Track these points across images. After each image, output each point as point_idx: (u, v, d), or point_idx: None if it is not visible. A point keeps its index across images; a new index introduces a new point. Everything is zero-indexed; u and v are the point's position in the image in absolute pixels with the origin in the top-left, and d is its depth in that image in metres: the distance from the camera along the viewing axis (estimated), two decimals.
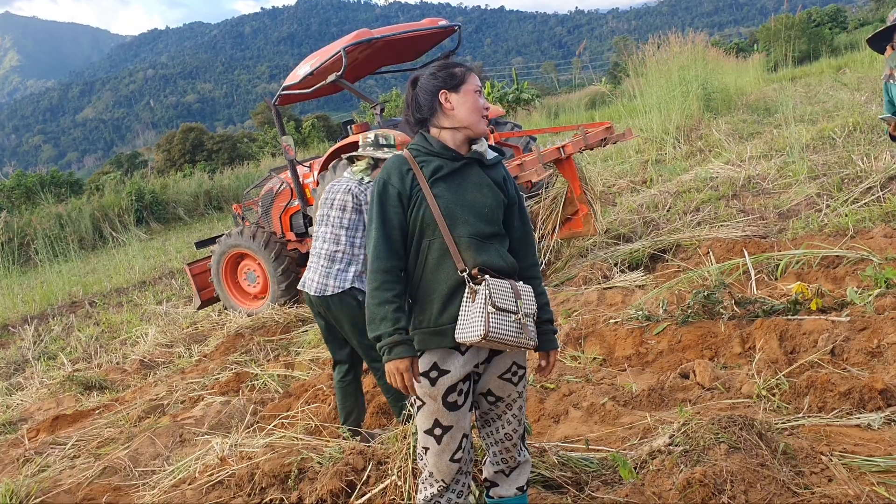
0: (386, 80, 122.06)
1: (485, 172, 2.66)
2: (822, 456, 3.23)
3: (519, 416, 2.79)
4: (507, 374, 2.70)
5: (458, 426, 2.63)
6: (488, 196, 2.59)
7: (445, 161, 2.59)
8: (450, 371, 2.57)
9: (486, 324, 2.40)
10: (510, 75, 37.40)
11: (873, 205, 7.25)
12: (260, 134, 42.07)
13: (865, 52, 22.23)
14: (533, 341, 2.55)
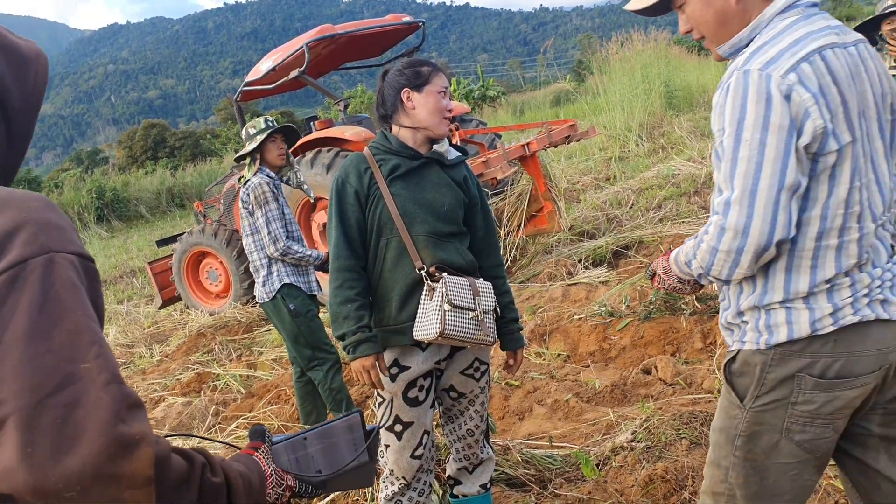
0: (350, 76, 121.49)
1: (445, 172, 2.65)
2: None
3: (481, 412, 2.80)
4: (469, 371, 2.71)
5: (419, 423, 2.63)
6: (447, 195, 2.59)
7: (404, 160, 2.59)
8: (410, 367, 2.58)
9: (442, 321, 2.41)
10: (476, 72, 37.47)
11: None
12: (223, 130, 41.60)
13: None
14: (491, 338, 2.56)
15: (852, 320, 1.64)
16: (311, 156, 7.56)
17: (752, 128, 1.57)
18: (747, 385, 1.76)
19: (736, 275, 1.66)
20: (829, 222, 1.63)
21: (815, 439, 1.73)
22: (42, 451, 0.86)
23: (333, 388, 4.32)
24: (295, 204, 7.89)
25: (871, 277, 1.67)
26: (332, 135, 7.60)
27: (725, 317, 1.83)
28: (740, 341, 1.77)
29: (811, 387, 1.68)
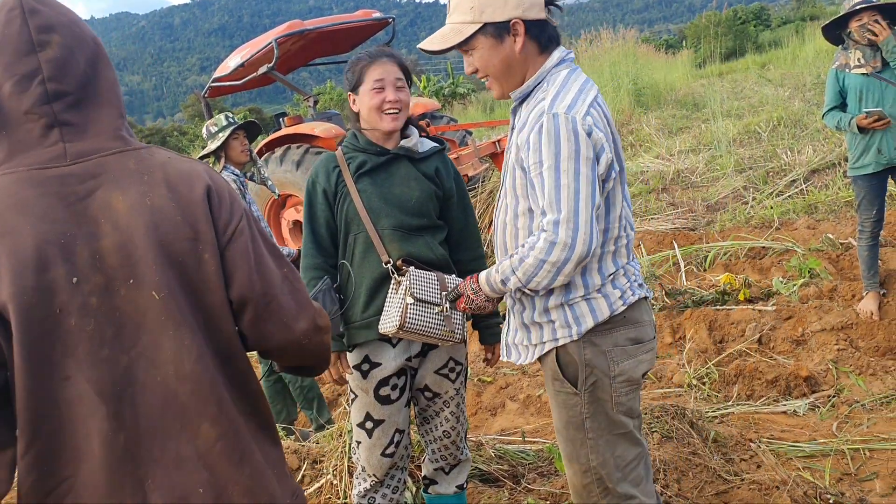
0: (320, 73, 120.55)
1: (414, 166, 2.62)
2: (751, 443, 3.31)
3: (457, 413, 2.77)
4: (444, 370, 2.67)
5: (391, 420, 2.61)
6: (415, 189, 2.55)
7: (370, 156, 2.57)
8: (381, 364, 2.55)
9: (403, 315, 2.37)
10: (446, 69, 37.43)
11: (797, 197, 7.49)
12: (190, 127, 41.11)
13: (788, 49, 22.96)
14: (458, 335, 2.50)
15: (633, 299, 2.07)
16: (281, 152, 7.50)
17: (567, 160, 1.88)
18: (575, 372, 2.07)
19: (556, 283, 1.94)
20: (610, 233, 2.03)
21: (634, 404, 2.12)
22: (298, 313, 1.45)
23: (304, 386, 4.28)
24: (263, 201, 7.81)
25: (634, 269, 2.13)
26: (302, 131, 7.54)
27: (528, 317, 2.11)
28: (553, 339, 2.09)
29: (620, 356, 2.06)
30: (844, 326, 4.38)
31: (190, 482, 1.29)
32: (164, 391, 1.28)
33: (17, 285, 1.18)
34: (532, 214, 2.04)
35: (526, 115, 2.04)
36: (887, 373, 3.89)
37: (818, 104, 12.35)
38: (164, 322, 1.28)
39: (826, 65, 16.86)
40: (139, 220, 1.27)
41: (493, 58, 2.05)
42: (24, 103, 1.26)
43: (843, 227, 6.19)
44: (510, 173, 2.08)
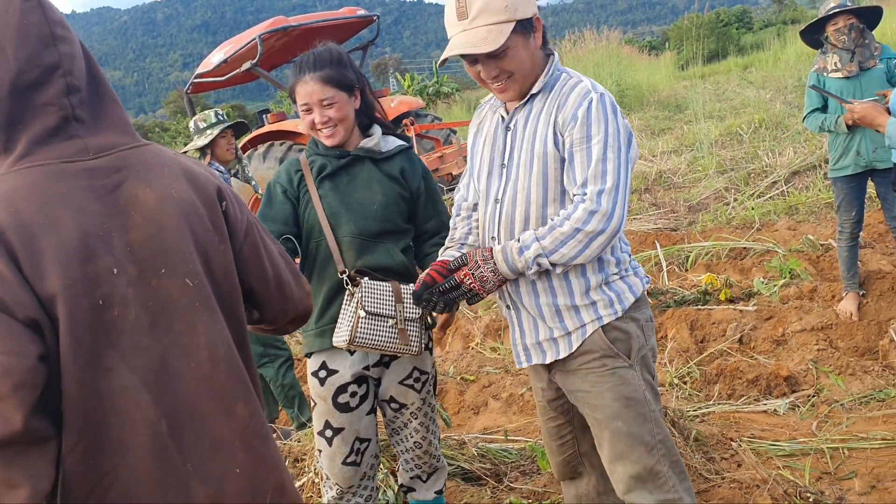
0: None
1: (377, 167, 2.54)
2: (732, 442, 3.33)
3: (426, 423, 2.69)
4: (409, 380, 2.60)
5: (351, 429, 2.52)
6: (378, 192, 2.48)
7: (330, 159, 2.50)
8: (338, 371, 2.50)
9: (353, 329, 2.32)
10: (430, 68, 37.42)
11: (778, 198, 7.55)
12: (172, 124, 40.81)
13: (770, 52, 23.16)
14: (415, 348, 2.44)
15: (648, 280, 2.21)
16: (264, 149, 7.48)
17: (613, 136, 1.95)
18: (627, 345, 2.10)
19: (580, 258, 1.95)
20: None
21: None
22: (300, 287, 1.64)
23: (286, 384, 4.26)
24: (245, 199, 7.78)
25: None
26: (285, 128, 7.52)
27: (563, 302, 2.09)
28: (596, 319, 2.09)
29: (649, 330, 2.16)
30: (824, 327, 4.42)
31: (227, 464, 1.34)
32: (199, 376, 1.33)
33: (66, 277, 1.20)
34: (564, 196, 2.06)
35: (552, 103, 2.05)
36: (866, 372, 3.92)
37: (799, 106, 12.46)
38: (198, 308, 1.34)
39: (807, 67, 17.01)
40: (170, 210, 1.34)
41: (524, 56, 2.03)
42: (45, 95, 1.27)
43: (824, 228, 6.25)
44: (536, 163, 2.06)
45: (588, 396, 2.13)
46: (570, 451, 2.41)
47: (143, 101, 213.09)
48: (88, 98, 1.33)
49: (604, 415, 2.10)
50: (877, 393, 3.72)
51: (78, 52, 1.34)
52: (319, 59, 2.42)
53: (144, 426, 1.25)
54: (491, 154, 2.22)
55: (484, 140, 2.27)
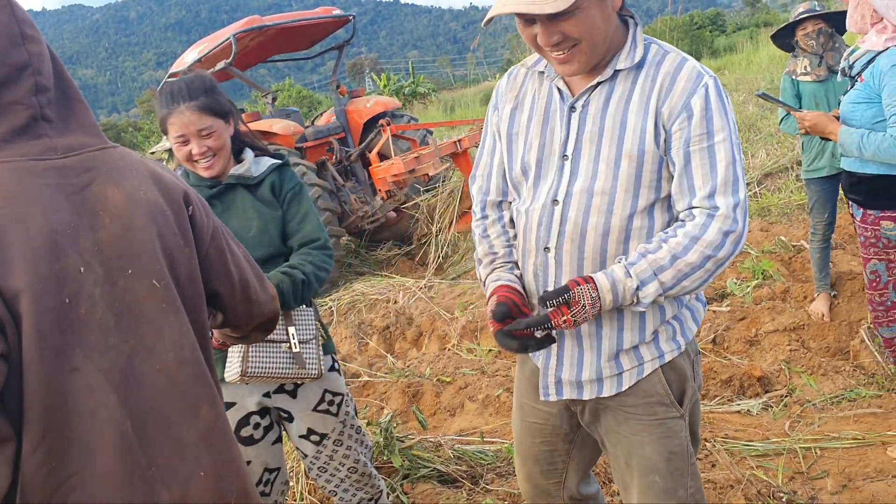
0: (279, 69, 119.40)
1: (250, 193, 2.42)
2: (707, 442, 3.36)
3: (353, 444, 2.52)
4: (323, 406, 2.43)
5: (258, 461, 2.40)
6: (253, 218, 2.37)
7: (203, 189, 2.37)
8: (235, 403, 2.36)
9: (245, 360, 2.18)
10: (406, 68, 37.39)
11: (751, 200, 7.63)
12: (146, 123, 40.38)
13: (743, 55, 23.42)
14: (315, 370, 2.29)
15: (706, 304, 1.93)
16: None
17: (734, 131, 1.61)
18: (682, 389, 1.80)
19: (703, 287, 1.64)
20: None
21: None
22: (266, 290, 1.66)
23: None
24: None
25: None
26: (260, 128, 7.45)
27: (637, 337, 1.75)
28: (657, 357, 1.76)
29: (699, 364, 1.87)
30: (796, 327, 4.47)
31: (192, 467, 1.33)
32: (165, 378, 1.31)
33: (33, 274, 1.18)
34: (666, 206, 1.70)
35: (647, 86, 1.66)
36: (837, 373, 3.97)
37: (772, 109, 12.60)
38: (164, 310, 1.33)
39: (779, 70, 17.22)
40: (138, 212, 1.33)
41: (597, 19, 1.60)
42: (13, 94, 1.26)
43: (796, 229, 6.32)
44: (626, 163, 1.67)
45: (625, 442, 1.82)
46: (553, 479, 2.05)
47: (115, 101, 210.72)
48: (56, 98, 1.32)
49: (640, 466, 1.80)
50: (848, 392, 3.77)
51: (46, 53, 1.33)
52: (193, 88, 2.29)
53: (111, 427, 1.23)
54: (542, 139, 1.77)
55: (528, 118, 1.81)
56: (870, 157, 2.82)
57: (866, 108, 2.91)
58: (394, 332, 5.86)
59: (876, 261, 3.03)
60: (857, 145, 2.84)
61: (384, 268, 8.16)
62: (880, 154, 2.78)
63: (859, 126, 2.91)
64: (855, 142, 2.85)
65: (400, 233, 8.91)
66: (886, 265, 3.01)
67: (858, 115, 2.93)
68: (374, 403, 4.47)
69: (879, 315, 3.14)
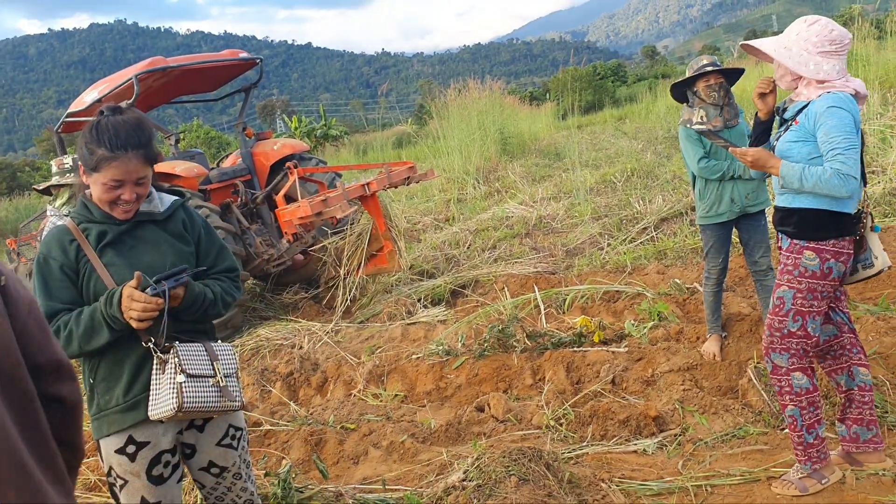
0: (187, 110, 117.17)
1: (160, 228, 2.46)
2: (603, 483, 3.42)
3: (247, 479, 2.60)
4: (227, 440, 2.51)
5: (166, 501, 2.41)
6: (168, 253, 2.40)
7: (110, 226, 2.38)
8: (150, 442, 2.36)
9: (180, 395, 2.21)
10: (318, 111, 37.35)
11: (648, 244, 7.92)
12: (44, 163, 38.82)
13: (642, 105, 24.46)
14: (238, 402, 2.38)
15: None
16: None
17: None
18: None
19: None
20: None
21: None
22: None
23: None
24: None
25: None
26: (162, 170, 7.27)
27: None
28: None
29: None
30: (690, 367, 4.63)
31: None
32: None
33: None
34: None
35: None
36: (727, 411, 4.13)
37: (668, 157, 13.20)
38: None
39: (675, 119, 18.08)
40: None
41: None
42: None
43: (690, 272, 6.59)
44: None
45: None
46: None
47: (12, 139, 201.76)
48: None
49: None
50: (737, 430, 3.92)
51: None
52: (142, 136, 2.31)
53: None
54: None
55: None
56: (809, 188, 3.04)
57: (802, 146, 3.15)
58: (298, 379, 5.76)
59: (786, 287, 3.19)
60: (798, 177, 3.06)
61: (290, 312, 8.03)
62: (820, 185, 3.01)
63: (796, 162, 3.15)
64: (797, 174, 3.06)
65: (307, 276, 8.81)
66: (794, 293, 3.17)
67: (795, 152, 3.17)
68: (275, 454, 4.36)
69: (774, 341, 3.23)
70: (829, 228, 3.13)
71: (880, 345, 4.43)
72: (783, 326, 3.20)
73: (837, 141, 3.01)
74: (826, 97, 3.08)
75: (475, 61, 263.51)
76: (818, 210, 3.12)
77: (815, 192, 3.05)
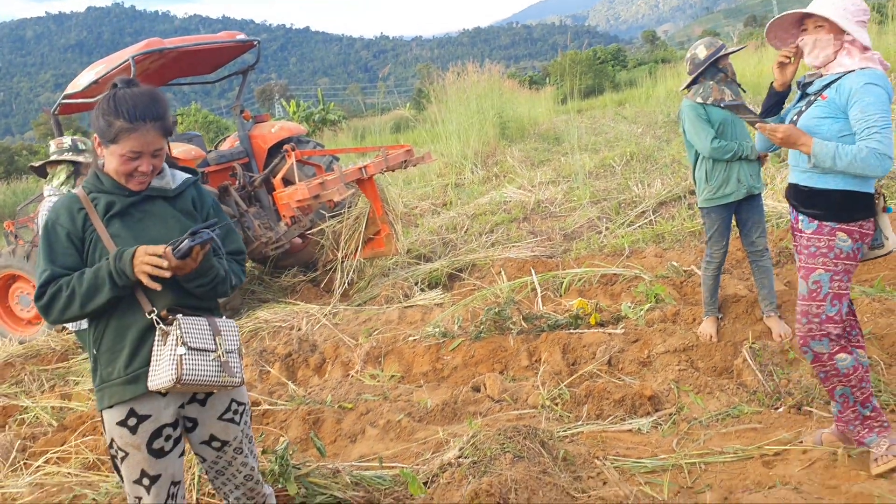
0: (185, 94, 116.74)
1: (170, 205, 2.48)
2: (598, 461, 3.45)
3: (249, 454, 2.63)
4: (228, 414, 2.53)
5: (167, 474, 2.43)
6: (174, 229, 2.39)
7: (119, 197, 2.39)
8: (151, 415, 2.37)
9: (179, 367, 2.23)
10: (316, 95, 37.22)
11: (646, 227, 7.94)
12: (41, 146, 38.72)
13: (643, 89, 24.41)
14: (238, 378, 2.40)
15: None
16: None
17: None
18: None
19: None
20: None
21: None
22: None
23: None
24: None
25: None
26: None
27: None
28: None
29: None
30: (686, 348, 4.65)
31: None
32: None
33: None
34: None
35: None
36: (722, 391, 4.16)
37: (668, 140, 13.19)
38: None
39: (675, 105, 18.04)
40: None
41: None
42: None
43: (687, 255, 6.60)
44: None
45: None
46: None
47: (10, 123, 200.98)
48: None
49: None
50: (731, 409, 3.95)
51: None
52: (159, 108, 2.34)
53: None
54: None
55: None
56: (842, 167, 2.94)
57: (832, 123, 3.04)
58: (296, 360, 5.79)
59: (822, 271, 3.08)
60: (831, 155, 2.94)
61: (288, 294, 8.05)
62: (855, 164, 2.91)
63: (825, 139, 3.02)
64: (829, 152, 2.94)
65: (305, 259, 8.82)
66: (831, 276, 3.06)
67: (825, 128, 3.05)
68: (273, 432, 4.39)
69: (813, 328, 3.11)
70: (859, 209, 3.05)
71: (875, 325, 4.45)
72: (821, 311, 3.09)
73: (874, 119, 2.90)
74: (862, 73, 2.99)
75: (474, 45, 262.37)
76: (849, 191, 3.03)
77: (848, 171, 2.95)
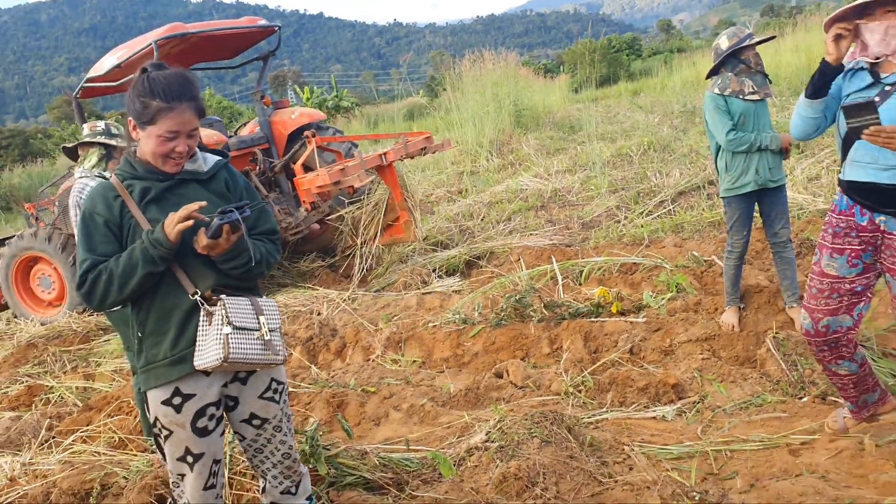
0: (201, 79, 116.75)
1: (203, 188, 2.50)
2: (625, 446, 3.48)
3: (288, 433, 2.67)
4: (269, 393, 2.56)
5: (210, 452, 2.47)
6: (210, 212, 2.38)
7: (154, 182, 2.42)
8: (195, 395, 2.41)
9: (226, 346, 2.28)
10: (329, 82, 37.20)
11: (665, 217, 7.93)
12: (56, 130, 38.88)
13: (658, 79, 24.29)
14: (281, 356, 2.45)
15: None
16: None
17: None
18: None
19: None
20: None
21: None
22: None
23: None
24: None
25: None
26: None
27: None
28: None
29: None
30: (708, 338, 4.67)
31: None
32: None
33: None
34: None
35: None
36: (745, 380, 4.17)
37: (685, 131, 13.13)
38: None
39: (691, 94, 17.95)
40: None
41: None
42: None
43: (707, 245, 6.60)
44: None
45: None
46: None
47: (24, 106, 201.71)
48: None
49: None
50: (755, 398, 3.96)
51: None
52: (193, 88, 2.36)
53: None
54: None
55: None
56: None
57: None
58: (317, 344, 5.83)
59: None
60: None
61: (307, 280, 8.10)
62: None
63: None
64: None
65: (324, 245, 8.86)
66: None
67: None
68: (299, 413, 4.44)
69: None
70: None
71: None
72: None
73: None
74: None
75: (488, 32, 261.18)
76: None
77: None
